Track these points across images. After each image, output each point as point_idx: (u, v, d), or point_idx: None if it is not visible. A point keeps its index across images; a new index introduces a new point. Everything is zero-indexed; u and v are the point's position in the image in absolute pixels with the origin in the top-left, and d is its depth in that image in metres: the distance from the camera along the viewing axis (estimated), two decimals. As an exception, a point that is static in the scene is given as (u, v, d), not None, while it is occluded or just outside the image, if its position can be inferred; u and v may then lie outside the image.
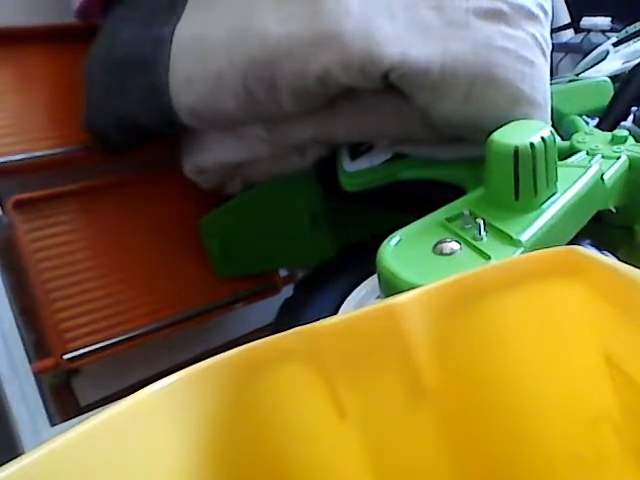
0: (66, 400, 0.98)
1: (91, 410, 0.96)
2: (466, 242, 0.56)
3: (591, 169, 0.67)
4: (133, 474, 0.27)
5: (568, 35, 1.55)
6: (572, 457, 0.33)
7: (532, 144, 0.59)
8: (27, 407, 0.83)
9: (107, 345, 0.92)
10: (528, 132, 0.61)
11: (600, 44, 1.25)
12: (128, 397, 0.27)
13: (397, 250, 0.57)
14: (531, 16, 0.74)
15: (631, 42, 1.17)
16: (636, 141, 0.78)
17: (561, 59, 1.49)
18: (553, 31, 1.34)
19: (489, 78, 0.69)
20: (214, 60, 0.78)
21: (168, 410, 0.28)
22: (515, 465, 0.33)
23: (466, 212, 0.60)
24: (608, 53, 1.18)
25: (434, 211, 0.64)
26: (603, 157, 0.73)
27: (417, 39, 0.70)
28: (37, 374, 0.87)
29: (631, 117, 1.01)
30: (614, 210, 0.70)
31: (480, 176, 0.66)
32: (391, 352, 0.31)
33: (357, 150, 0.87)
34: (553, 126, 0.70)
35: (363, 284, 0.90)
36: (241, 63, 0.75)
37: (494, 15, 0.72)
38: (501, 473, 0.33)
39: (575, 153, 0.76)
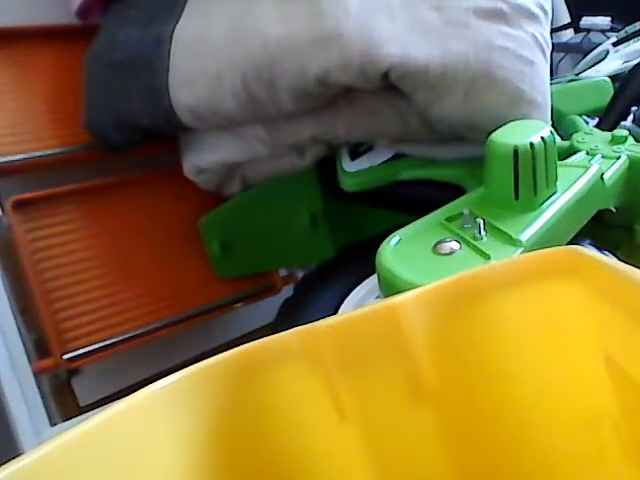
0: (66, 400, 0.98)
1: (91, 410, 0.96)
2: (466, 242, 0.56)
3: (591, 169, 0.67)
4: (133, 474, 0.27)
5: (568, 35, 1.54)
6: (572, 457, 0.33)
7: (532, 144, 0.59)
8: (27, 407, 0.83)
9: (107, 345, 0.92)
10: (528, 132, 0.61)
11: (600, 44, 1.25)
12: (128, 397, 0.27)
13: (397, 250, 0.57)
14: (531, 16, 0.74)
15: (631, 42, 1.17)
16: (636, 141, 0.78)
17: (561, 59, 1.48)
18: (553, 31, 1.34)
19: (489, 78, 0.69)
20: (214, 60, 0.78)
21: (168, 410, 0.28)
22: (515, 465, 0.33)
23: (466, 212, 0.60)
24: (608, 53, 1.18)
25: (434, 211, 0.64)
26: (603, 157, 0.73)
27: (417, 39, 0.70)
28: (37, 374, 0.87)
29: (631, 117, 1.01)
30: (614, 210, 0.70)
31: (480, 176, 0.66)
32: (391, 352, 0.31)
33: (357, 150, 0.87)
34: (553, 126, 0.70)
35: (363, 284, 0.90)
36: (241, 63, 0.75)
37: (494, 15, 0.72)
38: (501, 473, 0.33)
39: (575, 153, 0.76)
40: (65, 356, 0.88)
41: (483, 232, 0.57)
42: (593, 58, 1.20)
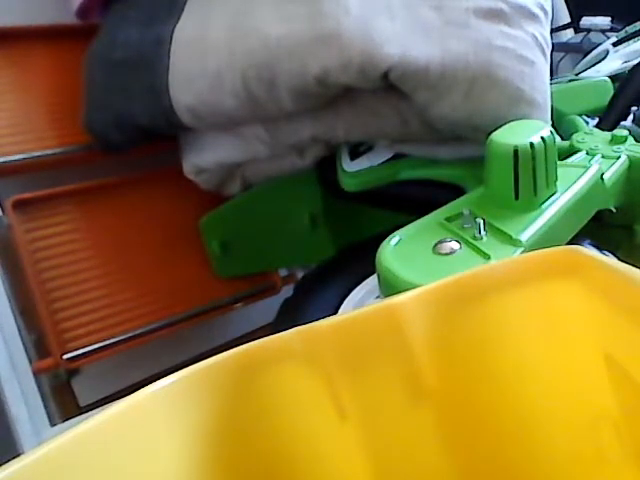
0: (66, 400, 0.98)
1: (91, 410, 0.96)
2: (466, 242, 0.56)
3: (591, 169, 0.67)
4: (133, 474, 0.27)
5: (568, 35, 1.54)
6: (572, 457, 0.33)
7: (532, 144, 0.59)
8: (27, 407, 0.83)
9: (107, 345, 0.92)
10: (528, 132, 0.61)
11: (600, 44, 1.25)
12: (128, 397, 0.27)
13: (397, 250, 0.57)
14: (531, 16, 0.74)
15: (631, 42, 1.17)
16: (636, 141, 0.78)
17: (561, 59, 1.48)
18: (553, 31, 1.34)
19: (489, 78, 0.69)
20: (214, 60, 0.78)
21: (168, 410, 0.28)
22: (515, 464, 0.33)
23: (466, 212, 0.60)
24: (608, 53, 1.18)
25: (434, 211, 0.64)
26: (603, 157, 0.73)
27: (417, 39, 0.70)
28: (37, 374, 0.87)
29: (631, 117, 1.01)
30: (614, 210, 0.70)
31: (480, 176, 0.66)
32: (391, 352, 0.31)
33: (357, 150, 0.87)
34: (553, 126, 0.70)
35: (363, 284, 0.90)
36: (241, 63, 0.75)
37: (494, 15, 0.72)
38: (501, 473, 0.33)
39: (575, 153, 0.76)
40: (65, 356, 0.88)
41: (483, 232, 0.57)
42: (593, 58, 1.20)
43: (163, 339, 0.99)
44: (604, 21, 1.38)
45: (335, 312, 0.86)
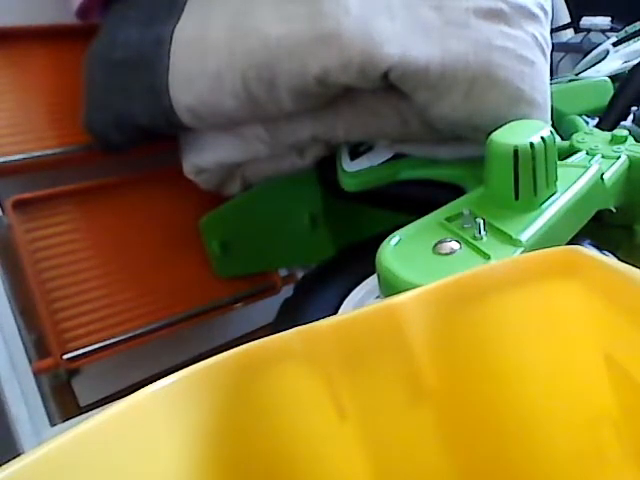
0: (66, 400, 0.98)
1: (91, 410, 0.96)
2: (466, 242, 0.57)
3: (591, 169, 0.67)
4: (133, 474, 0.27)
5: (568, 35, 1.54)
6: (572, 457, 0.33)
7: (532, 144, 0.59)
8: (27, 407, 0.83)
9: (107, 345, 0.92)
10: (528, 132, 0.61)
11: (600, 44, 1.25)
12: (128, 397, 0.27)
13: (397, 250, 0.57)
14: (531, 16, 0.74)
15: (631, 42, 1.17)
16: (636, 141, 0.78)
17: (561, 59, 1.48)
18: (553, 31, 1.34)
19: (489, 78, 0.69)
20: (214, 60, 0.78)
21: (168, 410, 0.28)
22: (515, 464, 0.33)
23: (466, 212, 0.60)
24: (608, 53, 1.18)
25: (434, 211, 0.64)
26: (603, 157, 0.73)
27: (417, 39, 0.70)
28: (37, 374, 0.87)
29: (631, 117, 1.01)
30: (614, 210, 0.70)
31: (480, 176, 0.66)
32: (391, 352, 0.31)
33: (357, 150, 0.87)
34: (553, 126, 0.70)
35: (363, 284, 0.90)
36: (241, 63, 0.75)
37: (494, 15, 0.72)
38: (501, 473, 0.33)
39: (575, 153, 0.76)
40: (65, 356, 0.88)
41: (483, 232, 0.57)
42: (593, 58, 1.20)
43: (163, 339, 0.99)
44: (604, 21, 1.38)
45: (335, 312, 0.86)
